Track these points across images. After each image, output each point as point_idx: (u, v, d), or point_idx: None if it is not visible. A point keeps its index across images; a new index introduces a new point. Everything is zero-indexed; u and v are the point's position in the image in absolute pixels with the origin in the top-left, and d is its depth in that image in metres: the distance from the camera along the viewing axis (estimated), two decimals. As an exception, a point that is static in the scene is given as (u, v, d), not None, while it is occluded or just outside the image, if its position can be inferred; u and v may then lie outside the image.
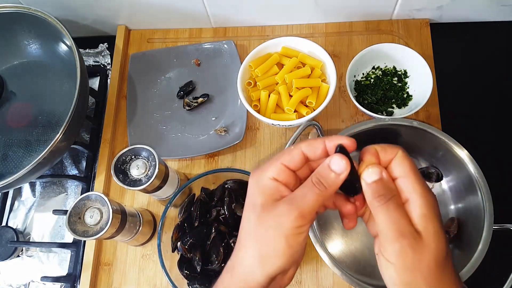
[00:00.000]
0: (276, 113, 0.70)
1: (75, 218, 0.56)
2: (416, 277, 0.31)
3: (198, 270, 0.59)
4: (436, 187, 0.67)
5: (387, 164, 0.34)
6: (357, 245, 0.65)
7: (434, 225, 0.31)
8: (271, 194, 0.34)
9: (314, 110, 0.67)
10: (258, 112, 0.68)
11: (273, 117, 0.68)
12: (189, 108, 0.77)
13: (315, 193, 0.33)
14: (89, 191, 0.69)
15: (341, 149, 0.33)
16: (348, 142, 0.33)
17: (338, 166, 0.32)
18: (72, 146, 0.72)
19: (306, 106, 0.69)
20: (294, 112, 0.68)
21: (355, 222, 0.37)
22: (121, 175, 0.59)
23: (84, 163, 0.78)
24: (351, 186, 0.34)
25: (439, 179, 0.66)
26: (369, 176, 0.33)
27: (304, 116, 0.67)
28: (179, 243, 0.61)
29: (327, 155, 0.34)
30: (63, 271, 0.71)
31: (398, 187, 0.33)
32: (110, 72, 0.84)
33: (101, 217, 0.56)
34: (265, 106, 0.70)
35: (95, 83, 0.84)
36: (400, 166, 0.33)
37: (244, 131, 0.73)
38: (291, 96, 0.69)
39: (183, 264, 0.60)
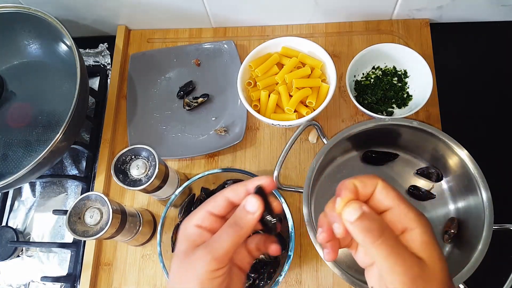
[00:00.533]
0: (276, 113, 0.70)
1: (75, 218, 0.56)
2: None
3: (198, 270, 0.58)
4: (436, 187, 0.67)
5: (369, 197, 0.32)
6: (357, 245, 0.65)
7: (437, 251, 0.30)
8: (193, 240, 0.36)
9: (314, 110, 0.67)
10: (258, 112, 0.68)
11: (273, 117, 0.68)
12: (189, 108, 0.77)
13: (229, 235, 0.34)
14: (89, 191, 0.69)
15: (258, 190, 0.35)
16: (266, 182, 0.36)
17: (251, 206, 0.35)
18: (72, 146, 0.72)
19: (306, 106, 0.69)
20: (294, 112, 0.68)
21: (335, 254, 0.35)
22: (121, 175, 0.59)
23: (84, 163, 0.78)
24: (268, 222, 0.36)
25: (439, 179, 0.66)
26: (350, 214, 0.30)
27: (304, 116, 0.67)
28: (179, 243, 0.61)
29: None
30: (63, 271, 0.71)
31: (390, 218, 0.31)
32: (110, 72, 0.84)
33: (101, 217, 0.56)
34: (265, 106, 0.70)
35: (95, 83, 0.84)
36: (387, 196, 0.31)
37: (244, 131, 0.73)
38: (291, 96, 0.69)
39: (183, 264, 0.60)
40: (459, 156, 0.59)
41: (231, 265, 0.37)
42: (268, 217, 0.36)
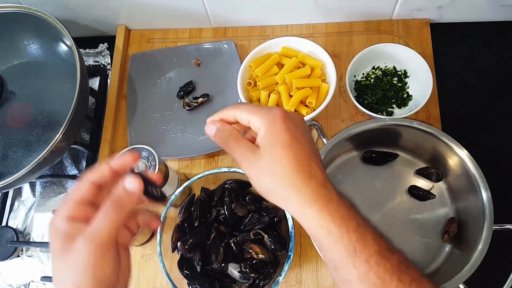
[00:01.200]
0: (276, 113, 0.70)
1: (75, 218, 0.56)
2: (265, 178, 0.38)
3: (198, 270, 0.59)
4: (436, 187, 0.67)
5: (235, 120, 0.41)
6: (357, 245, 0.65)
7: (269, 139, 0.38)
8: (67, 234, 0.34)
9: (314, 110, 0.67)
10: (258, 112, 0.68)
11: (273, 117, 0.68)
12: (189, 108, 0.77)
13: (110, 217, 0.34)
14: (89, 191, 0.69)
15: (132, 170, 0.38)
16: (132, 158, 0.39)
17: (132, 185, 0.36)
18: (72, 146, 0.72)
19: (306, 106, 0.69)
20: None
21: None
22: (121, 175, 0.58)
23: (84, 163, 0.78)
24: (153, 194, 0.38)
25: (439, 179, 0.66)
26: (210, 131, 0.42)
27: (304, 116, 0.67)
28: (179, 243, 0.61)
29: (116, 174, 0.38)
30: (63, 271, 0.71)
31: (252, 127, 0.40)
32: (110, 72, 0.84)
33: (101, 217, 0.56)
34: (265, 106, 0.70)
35: (95, 83, 0.84)
36: (243, 116, 0.40)
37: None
38: (291, 96, 0.69)
39: (183, 264, 0.60)
40: (459, 156, 0.59)
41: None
42: (152, 189, 0.38)
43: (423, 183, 0.67)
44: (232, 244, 0.60)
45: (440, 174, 0.66)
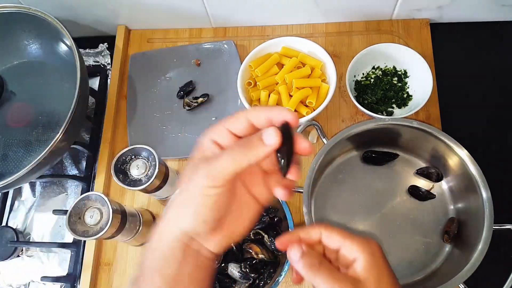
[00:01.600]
0: (276, 113, 0.70)
1: (75, 218, 0.56)
2: None
3: (198, 270, 0.59)
4: (436, 187, 0.67)
5: (317, 241, 0.37)
6: (357, 245, 0.65)
7: (374, 273, 0.35)
8: (205, 153, 0.34)
9: (314, 110, 0.67)
10: (258, 112, 0.68)
11: (273, 117, 0.68)
12: (189, 108, 0.77)
13: (230, 157, 0.32)
14: (89, 191, 0.69)
15: (284, 125, 0.32)
16: (292, 118, 0.33)
17: (268, 138, 0.31)
18: (72, 146, 0.72)
19: (306, 106, 0.69)
20: (294, 112, 0.68)
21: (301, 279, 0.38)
22: (121, 175, 0.59)
23: (84, 163, 0.78)
24: (284, 160, 0.32)
25: (439, 179, 0.66)
26: (294, 254, 0.36)
27: (304, 116, 0.67)
28: (179, 243, 0.61)
29: (271, 124, 0.33)
30: (63, 271, 0.71)
31: (342, 253, 0.36)
32: (110, 72, 0.84)
33: (101, 217, 0.56)
34: (265, 106, 0.70)
35: (95, 83, 0.84)
36: (332, 240, 0.37)
37: (244, 131, 0.73)
38: (291, 96, 0.69)
39: (183, 264, 0.60)
40: (459, 156, 0.60)
41: (243, 193, 0.36)
42: (279, 157, 0.32)
43: (423, 183, 0.67)
44: (232, 244, 0.60)
45: (440, 174, 0.66)
